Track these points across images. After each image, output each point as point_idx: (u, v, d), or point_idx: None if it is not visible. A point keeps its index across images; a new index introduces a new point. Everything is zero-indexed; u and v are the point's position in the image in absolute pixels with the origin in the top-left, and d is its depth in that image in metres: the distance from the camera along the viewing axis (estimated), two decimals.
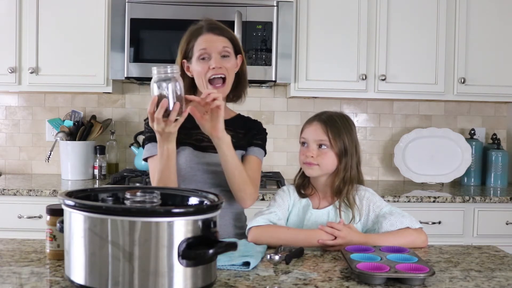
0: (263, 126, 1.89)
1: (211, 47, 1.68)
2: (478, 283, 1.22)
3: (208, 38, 1.69)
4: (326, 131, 1.63)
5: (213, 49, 1.68)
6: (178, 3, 2.74)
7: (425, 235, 1.57)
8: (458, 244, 1.66)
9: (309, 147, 1.64)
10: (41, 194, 2.59)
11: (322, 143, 1.63)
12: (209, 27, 1.72)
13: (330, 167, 1.65)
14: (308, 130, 1.66)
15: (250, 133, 1.82)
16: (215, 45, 1.69)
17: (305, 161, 1.64)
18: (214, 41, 1.69)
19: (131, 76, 2.78)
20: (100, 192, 1.27)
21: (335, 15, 2.89)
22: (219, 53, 1.69)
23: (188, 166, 1.73)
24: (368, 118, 3.30)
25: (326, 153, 1.63)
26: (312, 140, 1.64)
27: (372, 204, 1.65)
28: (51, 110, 3.21)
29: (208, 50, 1.68)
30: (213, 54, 1.68)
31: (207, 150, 1.75)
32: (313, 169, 1.64)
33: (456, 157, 3.07)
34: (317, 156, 1.62)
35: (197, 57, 1.70)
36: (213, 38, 1.70)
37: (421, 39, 2.92)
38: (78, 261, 1.08)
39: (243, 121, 1.86)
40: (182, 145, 1.73)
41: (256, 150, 1.81)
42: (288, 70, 2.82)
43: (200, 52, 1.69)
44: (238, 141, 1.78)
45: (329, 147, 1.63)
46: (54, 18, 2.85)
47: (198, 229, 1.07)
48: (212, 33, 1.70)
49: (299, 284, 1.19)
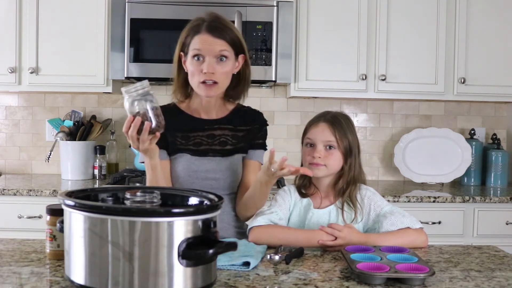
0: (263, 116, 1.84)
1: (206, 50, 1.61)
2: (478, 283, 1.22)
3: (205, 39, 1.62)
4: (334, 132, 1.63)
5: (207, 52, 1.61)
6: (178, 3, 2.74)
7: (425, 235, 1.57)
8: (458, 244, 1.66)
9: (316, 148, 1.63)
10: (41, 194, 2.59)
11: (329, 144, 1.63)
12: (209, 27, 1.63)
13: (337, 167, 1.65)
14: (314, 131, 1.65)
15: (251, 131, 1.78)
16: (211, 47, 1.61)
17: (312, 161, 1.64)
18: (211, 43, 1.62)
19: (131, 76, 2.78)
20: (100, 192, 1.27)
21: (335, 15, 2.89)
22: (214, 57, 1.62)
23: (186, 174, 1.70)
24: (368, 118, 3.30)
25: (333, 153, 1.63)
26: (320, 141, 1.63)
27: (373, 203, 1.65)
28: (51, 110, 3.21)
29: (202, 52, 1.62)
30: (207, 58, 1.61)
31: (207, 154, 1.72)
32: (320, 170, 1.64)
33: (456, 157, 3.07)
34: (324, 157, 1.63)
35: (191, 55, 1.64)
36: (210, 40, 1.62)
37: (421, 39, 2.92)
38: (78, 261, 1.08)
39: (242, 115, 1.79)
40: (179, 151, 1.71)
41: (258, 153, 1.80)
42: (288, 70, 2.82)
43: (195, 51, 1.63)
44: (238, 143, 1.75)
45: (336, 148, 1.63)
46: (54, 18, 2.85)
47: (198, 229, 1.07)
48: (211, 35, 1.62)
49: (299, 284, 1.19)
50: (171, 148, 1.71)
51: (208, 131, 1.74)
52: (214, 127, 1.74)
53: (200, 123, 1.74)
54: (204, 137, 1.72)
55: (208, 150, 1.72)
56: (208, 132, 1.73)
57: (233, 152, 1.75)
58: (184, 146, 1.71)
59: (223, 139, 1.74)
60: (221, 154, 1.73)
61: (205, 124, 1.74)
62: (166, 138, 1.67)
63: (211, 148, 1.72)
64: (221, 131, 1.74)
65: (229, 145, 1.74)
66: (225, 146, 1.74)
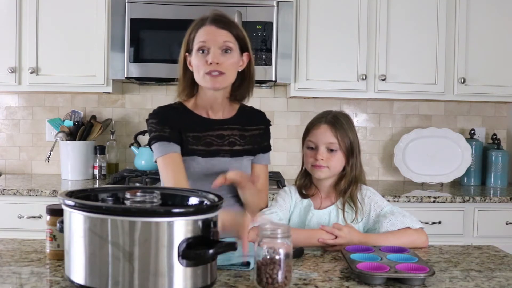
0: (266, 116, 1.86)
1: (211, 40, 1.60)
2: (478, 283, 1.22)
3: (209, 30, 1.61)
4: (335, 133, 1.62)
5: (212, 43, 1.60)
6: (178, 3, 2.74)
7: (425, 235, 1.57)
8: (458, 244, 1.66)
9: (319, 150, 1.63)
10: (41, 194, 2.59)
11: (331, 146, 1.63)
12: (213, 19, 1.63)
13: (339, 168, 1.65)
14: (316, 133, 1.65)
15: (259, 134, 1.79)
16: (215, 38, 1.60)
17: (314, 164, 1.63)
18: (215, 34, 1.60)
19: (131, 76, 2.78)
20: (100, 192, 1.27)
21: (335, 15, 2.89)
22: (219, 48, 1.60)
23: (196, 177, 1.68)
24: (368, 118, 3.30)
25: (335, 155, 1.63)
26: (322, 143, 1.63)
27: (373, 203, 1.65)
28: (51, 110, 3.21)
29: (207, 44, 1.60)
30: (212, 48, 1.60)
31: (218, 154, 1.71)
32: (323, 172, 1.63)
33: (456, 157, 3.07)
34: (327, 159, 1.62)
35: (196, 49, 1.63)
36: (214, 31, 1.61)
37: (421, 39, 2.92)
38: (78, 261, 1.08)
39: (248, 115, 1.80)
40: (191, 153, 1.68)
41: (264, 156, 1.80)
42: (288, 70, 2.82)
43: (199, 44, 1.61)
44: (245, 143, 1.75)
45: (338, 149, 1.63)
46: (54, 18, 2.85)
47: (198, 229, 1.07)
48: (215, 26, 1.61)
49: (299, 284, 1.19)
50: (184, 147, 1.69)
51: (218, 131, 1.72)
52: (224, 127, 1.73)
53: (210, 123, 1.73)
54: (214, 137, 1.71)
55: (219, 150, 1.71)
56: (218, 132, 1.72)
57: (242, 154, 1.74)
58: (196, 147, 1.69)
59: (232, 139, 1.73)
60: (230, 154, 1.72)
61: (215, 124, 1.73)
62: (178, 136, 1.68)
63: (221, 149, 1.71)
64: (230, 131, 1.74)
65: (238, 145, 1.74)
66: (233, 146, 1.73)
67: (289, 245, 1.13)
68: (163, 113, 1.71)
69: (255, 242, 1.14)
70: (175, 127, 1.68)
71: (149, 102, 3.21)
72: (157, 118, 1.70)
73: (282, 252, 1.11)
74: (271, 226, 1.15)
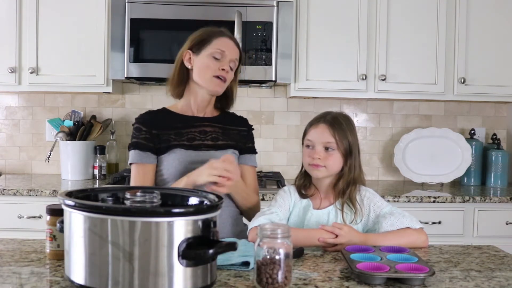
0: (248, 122, 1.96)
1: (229, 52, 1.77)
2: (478, 283, 1.22)
3: (229, 44, 1.79)
4: (333, 133, 1.62)
5: (229, 55, 1.77)
6: (178, 3, 2.74)
7: (425, 235, 1.57)
8: (458, 244, 1.66)
9: (316, 149, 1.63)
10: (41, 194, 2.59)
11: (329, 145, 1.63)
12: (231, 36, 1.83)
13: (337, 168, 1.65)
14: (314, 132, 1.66)
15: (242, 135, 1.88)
16: (232, 52, 1.79)
17: (311, 163, 1.64)
18: (232, 49, 1.79)
19: (131, 76, 2.78)
20: (100, 192, 1.28)
21: (335, 15, 2.89)
22: (230, 60, 1.78)
23: (183, 166, 1.73)
24: (368, 118, 3.30)
25: (332, 154, 1.63)
26: (319, 142, 1.63)
27: (372, 204, 1.65)
28: (51, 110, 3.21)
29: (225, 54, 1.77)
30: (227, 58, 1.77)
31: (200, 148, 1.78)
32: (320, 171, 1.64)
33: (456, 157, 3.07)
34: (324, 158, 1.63)
35: (210, 53, 1.76)
36: (232, 46, 1.80)
37: (421, 39, 2.92)
38: (78, 261, 1.08)
39: (230, 118, 1.92)
40: (173, 147, 1.76)
41: (250, 157, 1.89)
42: (288, 70, 2.82)
43: (217, 51, 1.76)
44: (229, 139, 1.83)
45: (336, 149, 1.63)
46: (54, 18, 2.85)
47: (198, 229, 1.07)
48: (233, 42, 1.81)
49: (299, 284, 1.19)
50: (164, 146, 1.76)
51: (199, 127, 1.82)
52: (204, 124, 1.83)
53: (191, 120, 1.82)
54: (196, 132, 1.80)
55: (201, 145, 1.79)
56: (200, 129, 1.81)
57: (226, 147, 1.82)
58: (178, 142, 1.77)
59: (215, 135, 1.82)
60: (214, 149, 1.80)
61: (196, 121, 1.82)
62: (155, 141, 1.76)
63: (204, 143, 1.80)
64: (212, 128, 1.83)
65: (221, 140, 1.83)
66: (216, 141, 1.82)
67: (289, 245, 1.13)
68: (144, 119, 1.81)
69: (255, 242, 1.14)
70: (154, 132, 1.77)
71: (149, 102, 3.21)
72: (138, 124, 1.80)
73: (282, 252, 1.12)
74: (271, 226, 1.15)
